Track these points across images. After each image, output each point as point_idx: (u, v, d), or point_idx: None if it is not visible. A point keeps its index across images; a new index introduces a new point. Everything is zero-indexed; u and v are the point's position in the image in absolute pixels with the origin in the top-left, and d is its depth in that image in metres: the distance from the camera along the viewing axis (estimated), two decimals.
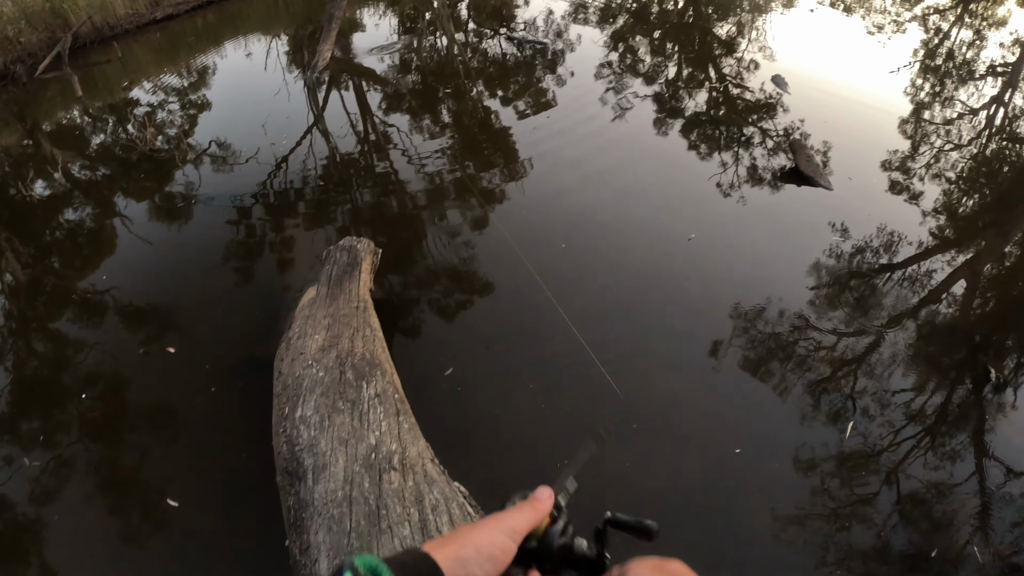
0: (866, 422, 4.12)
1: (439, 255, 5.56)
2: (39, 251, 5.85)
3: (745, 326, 4.80)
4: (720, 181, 6.55)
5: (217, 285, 5.27)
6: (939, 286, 5.26)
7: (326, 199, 6.43)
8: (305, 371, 3.48)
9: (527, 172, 6.74)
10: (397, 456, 2.92)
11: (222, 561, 3.37)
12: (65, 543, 3.60)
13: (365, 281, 4.39)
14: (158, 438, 4.06)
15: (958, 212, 6.35)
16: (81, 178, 6.87)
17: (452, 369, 4.36)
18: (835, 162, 6.75)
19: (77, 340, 4.80)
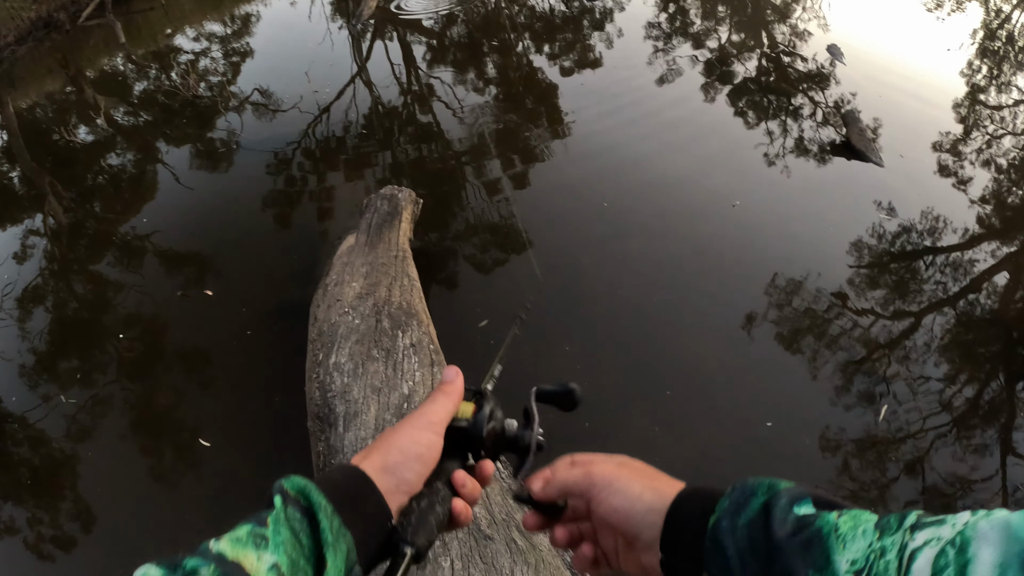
0: (895, 406, 3.98)
1: (479, 209, 5.45)
2: (81, 195, 5.87)
3: (782, 298, 4.65)
4: (767, 150, 6.31)
5: (256, 231, 5.23)
6: (980, 276, 5.01)
7: (367, 149, 6.34)
8: (341, 318, 3.42)
9: (570, 129, 6.54)
10: None
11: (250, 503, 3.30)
12: (99, 478, 3.64)
13: (405, 231, 4.31)
14: (192, 379, 4.08)
15: (1007, 202, 6.06)
16: (123, 124, 6.87)
17: (487, 321, 4.28)
18: (886, 139, 6.44)
19: (117, 282, 4.82)
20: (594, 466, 0.77)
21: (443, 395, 0.81)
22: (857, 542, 0.55)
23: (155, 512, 3.44)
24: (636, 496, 0.72)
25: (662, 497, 0.71)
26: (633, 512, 0.72)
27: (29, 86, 7.85)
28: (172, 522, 3.36)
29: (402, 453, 0.73)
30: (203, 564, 0.56)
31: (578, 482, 0.77)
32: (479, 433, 0.81)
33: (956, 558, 0.48)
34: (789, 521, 0.59)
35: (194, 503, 3.42)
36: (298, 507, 0.63)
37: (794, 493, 0.62)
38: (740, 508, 0.62)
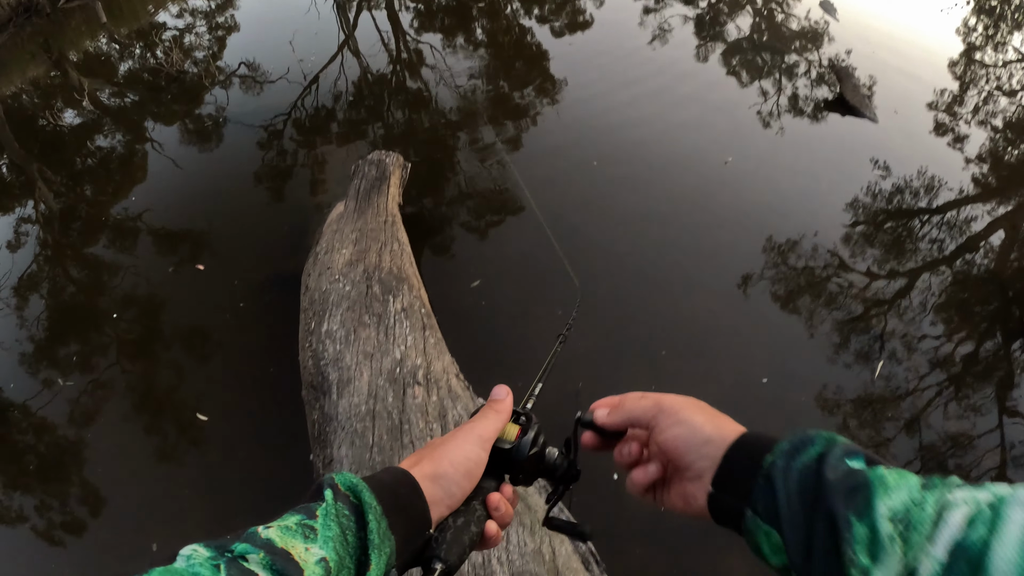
0: (892, 365, 3.97)
1: (470, 174, 5.40)
2: (71, 179, 5.82)
3: (777, 257, 4.61)
4: (761, 109, 6.23)
5: (246, 205, 5.19)
6: (977, 235, 4.97)
7: (357, 118, 6.28)
8: (332, 286, 3.37)
9: (560, 92, 6.48)
10: (422, 371, 2.81)
11: (248, 476, 3.35)
12: (103, 461, 3.64)
13: (394, 195, 4.25)
14: (188, 355, 4.06)
15: (1003, 161, 5.96)
16: (110, 105, 6.79)
17: (479, 282, 4.25)
18: (880, 96, 6.35)
19: (111, 264, 4.78)
20: (664, 398, 0.79)
21: (494, 412, 0.82)
22: (900, 493, 0.57)
23: (160, 490, 3.43)
24: (699, 426, 0.74)
25: (721, 432, 0.72)
26: (693, 441, 0.73)
27: (12, 73, 7.74)
28: (178, 499, 3.36)
29: (453, 466, 0.74)
30: (252, 550, 0.56)
31: (646, 411, 0.79)
32: (522, 458, 0.82)
33: (990, 516, 0.51)
34: (840, 469, 0.60)
35: (196, 478, 3.42)
36: (348, 504, 0.64)
37: (849, 448, 0.63)
38: (797, 452, 0.64)
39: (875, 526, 0.55)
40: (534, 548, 2.21)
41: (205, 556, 0.55)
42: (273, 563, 0.56)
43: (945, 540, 0.52)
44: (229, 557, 0.55)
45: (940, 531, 0.52)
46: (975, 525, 0.51)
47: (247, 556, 0.56)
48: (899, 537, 0.54)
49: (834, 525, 0.57)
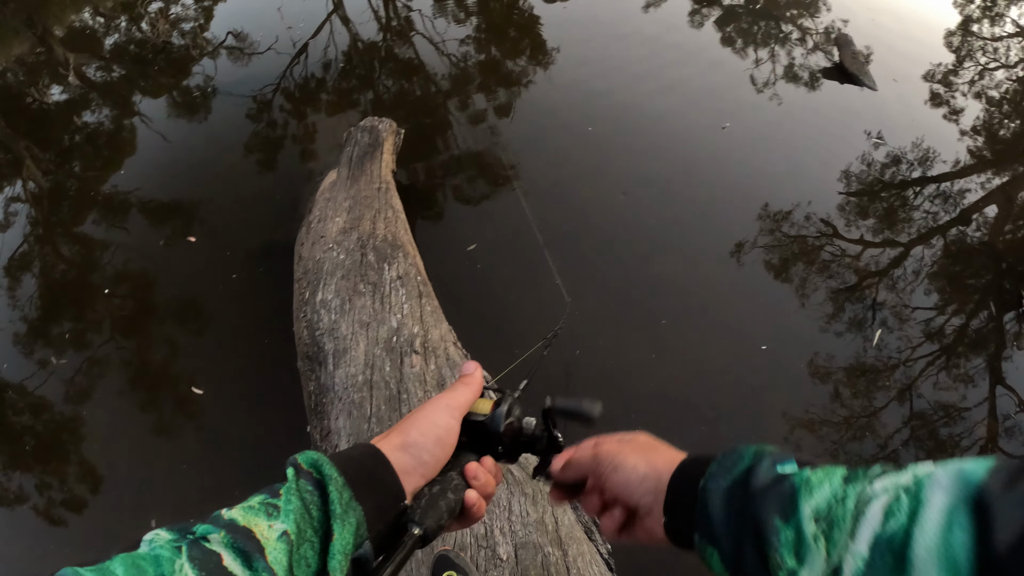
0: (886, 334, 4.00)
1: (463, 141, 5.33)
2: (60, 156, 5.72)
3: (773, 225, 4.60)
4: (757, 76, 6.16)
5: (237, 176, 5.11)
6: (971, 207, 4.97)
7: (347, 87, 6.17)
8: (326, 254, 3.30)
9: (554, 58, 6.39)
10: (419, 339, 2.75)
11: (245, 448, 3.32)
12: (101, 438, 3.61)
13: (387, 162, 4.16)
14: (181, 328, 4.01)
15: (998, 134, 5.91)
16: (96, 80, 6.66)
17: (475, 245, 4.21)
18: (878, 64, 6.29)
19: (103, 241, 4.70)
20: (600, 447, 0.81)
21: (463, 384, 0.83)
22: (823, 491, 0.57)
23: (158, 465, 3.41)
24: (631, 468, 0.77)
25: (655, 467, 0.75)
26: (630, 482, 0.76)
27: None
28: (175, 474, 3.34)
29: (421, 434, 0.74)
30: (214, 530, 0.57)
31: (588, 463, 0.82)
32: (496, 428, 0.82)
33: (909, 503, 0.50)
34: (768, 477, 0.62)
35: (193, 452, 3.40)
36: (310, 479, 0.64)
37: (778, 455, 0.65)
38: (726, 471, 0.67)
39: (800, 527, 0.56)
40: (536, 518, 2.17)
41: (167, 539, 0.55)
42: (234, 541, 0.56)
43: (866, 535, 0.52)
44: (191, 539, 0.56)
45: (860, 526, 0.52)
46: (894, 515, 0.51)
47: (208, 536, 0.56)
48: (823, 536, 0.55)
49: (760, 532, 0.58)
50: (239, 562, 0.55)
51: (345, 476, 0.64)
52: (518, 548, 2.07)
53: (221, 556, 0.55)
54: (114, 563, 0.52)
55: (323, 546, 0.61)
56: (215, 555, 0.55)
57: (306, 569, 0.60)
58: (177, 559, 0.54)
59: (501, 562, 2.04)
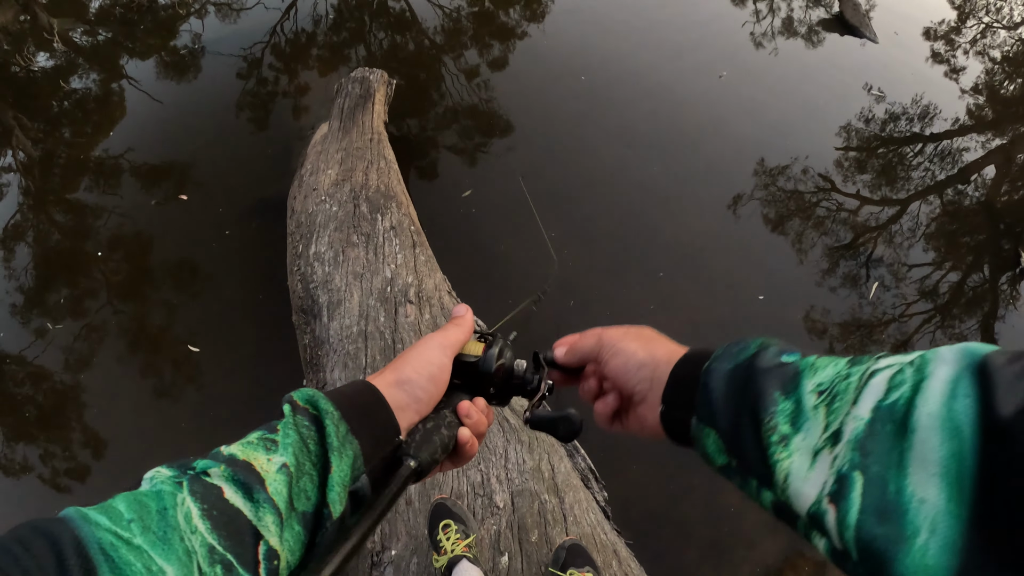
0: (881, 291, 4.01)
1: (456, 92, 5.26)
2: (49, 124, 5.61)
3: (770, 179, 4.58)
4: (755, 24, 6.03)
5: (228, 134, 5.01)
6: (970, 166, 4.95)
7: (338, 42, 6.04)
8: (318, 207, 3.23)
9: (547, 9, 6.28)
10: (413, 289, 2.69)
11: (244, 404, 3.29)
12: (102, 403, 3.58)
13: (379, 113, 4.07)
14: (176, 288, 3.97)
15: (999, 94, 5.79)
16: (82, 44, 6.53)
17: (471, 191, 4.16)
18: (879, 18, 6.16)
19: (96, 206, 4.63)
20: (606, 332, 0.83)
21: (454, 325, 0.83)
22: (827, 371, 0.56)
23: (159, 425, 3.40)
24: (632, 353, 0.78)
25: (654, 355, 0.76)
26: (629, 367, 0.78)
27: None
28: (175, 432, 3.33)
29: (415, 371, 0.74)
30: (214, 465, 0.57)
31: (592, 347, 0.83)
32: (488, 368, 0.82)
33: (912, 375, 0.49)
34: (773, 361, 0.61)
35: (193, 410, 3.38)
36: (307, 415, 0.64)
37: (784, 346, 0.64)
38: (732, 356, 0.65)
39: (800, 399, 0.56)
40: (533, 466, 2.12)
41: (167, 475, 0.56)
42: (234, 474, 0.57)
43: (868, 401, 0.50)
44: (191, 474, 0.56)
45: (863, 394, 0.51)
46: (897, 386, 0.49)
47: (209, 471, 0.57)
48: (823, 406, 0.54)
49: (759, 402, 0.58)
50: (240, 494, 0.56)
51: (341, 411, 0.64)
52: (515, 496, 2.03)
53: (222, 489, 0.56)
54: (116, 500, 0.53)
55: (322, 479, 0.61)
56: (216, 488, 0.55)
57: (306, 501, 0.60)
58: (179, 493, 0.54)
59: (498, 510, 2.00)
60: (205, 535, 0.53)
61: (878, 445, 0.48)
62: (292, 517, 0.58)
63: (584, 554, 1.94)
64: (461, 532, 1.90)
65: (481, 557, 1.92)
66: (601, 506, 2.26)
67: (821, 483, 0.51)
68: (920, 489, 0.45)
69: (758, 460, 0.57)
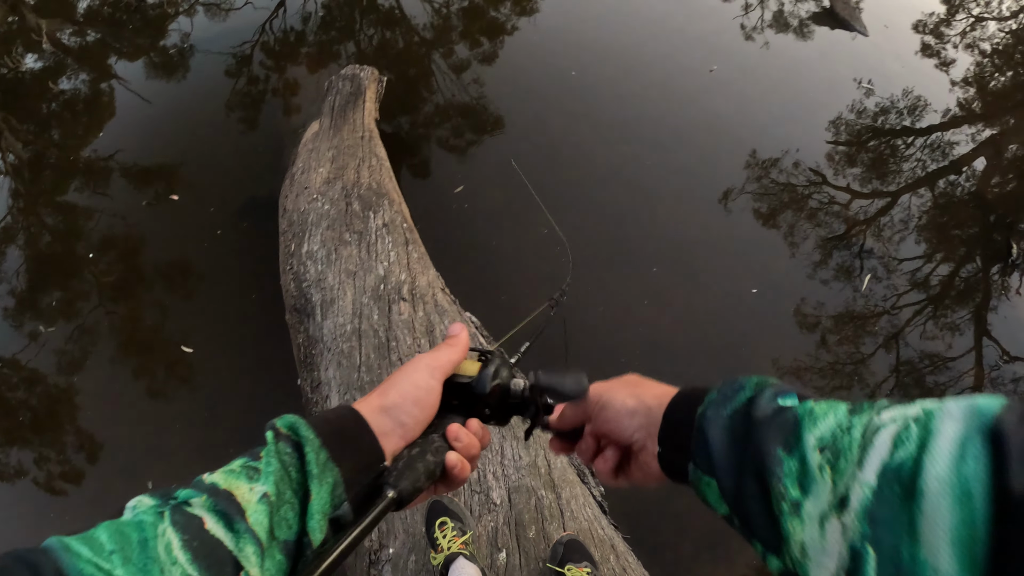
0: (874, 283, 4.04)
1: (447, 88, 5.26)
2: (38, 126, 5.58)
3: (761, 172, 4.60)
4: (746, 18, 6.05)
5: (219, 133, 5.00)
6: (960, 159, 4.99)
7: (328, 39, 6.02)
8: (310, 205, 3.22)
9: (537, 4, 6.26)
10: (406, 286, 2.68)
11: (238, 404, 3.29)
12: (96, 406, 3.56)
13: (370, 110, 4.06)
14: (168, 289, 3.95)
15: (989, 87, 5.83)
16: (71, 45, 6.49)
17: (462, 187, 4.17)
18: (870, 10, 6.18)
19: (86, 208, 4.61)
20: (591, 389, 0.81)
21: (447, 345, 0.81)
22: (827, 421, 0.55)
23: (153, 427, 3.39)
24: (620, 404, 0.77)
25: (643, 400, 0.75)
26: (619, 418, 0.76)
27: None
28: (170, 434, 3.32)
29: (400, 395, 0.73)
30: (196, 494, 0.58)
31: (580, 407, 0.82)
32: (483, 389, 0.80)
33: (918, 432, 0.48)
34: (770, 408, 0.60)
35: (187, 411, 3.37)
36: (288, 442, 0.63)
37: (780, 388, 0.63)
38: (727, 399, 0.64)
39: (804, 458, 0.54)
40: (529, 462, 2.13)
41: (149, 505, 0.56)
42: (216, 504, 0.57)
43: (874, 463, 0.49)
44: (173, 504, 0.57)
45: (868, 455, 0.50)
46: (903, 444, 0.48)
47: (190, 501, 0.57)
48: (828, 465, 0.52)
49: (763, 463, 0.56)
50: (221, 524, 0.56)
51: (322, 437, 0.64)
52: (511, 492, 2.03)
53: (203, 520, 0.56)
54: (98, 530, 0.53)
55: (302, 507, 0.62)
56: (197, 519, 0.56)
57: (287, 530, 0.60)
58: (160, 524, 0.54)
59: (495, 506, 2.00)
60: (185, 566, 0.53)
61: (887, 511, 0.47)
62: (273, 546, 0.58)
63: (582, 549, 1.95)
64: (458, 529, 1.91)
65: (479, 554, 1.92)
66: (598, 501, 2.27)
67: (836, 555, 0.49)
68: (932, 557, 0.43)
69: (765, 526, 0.56)
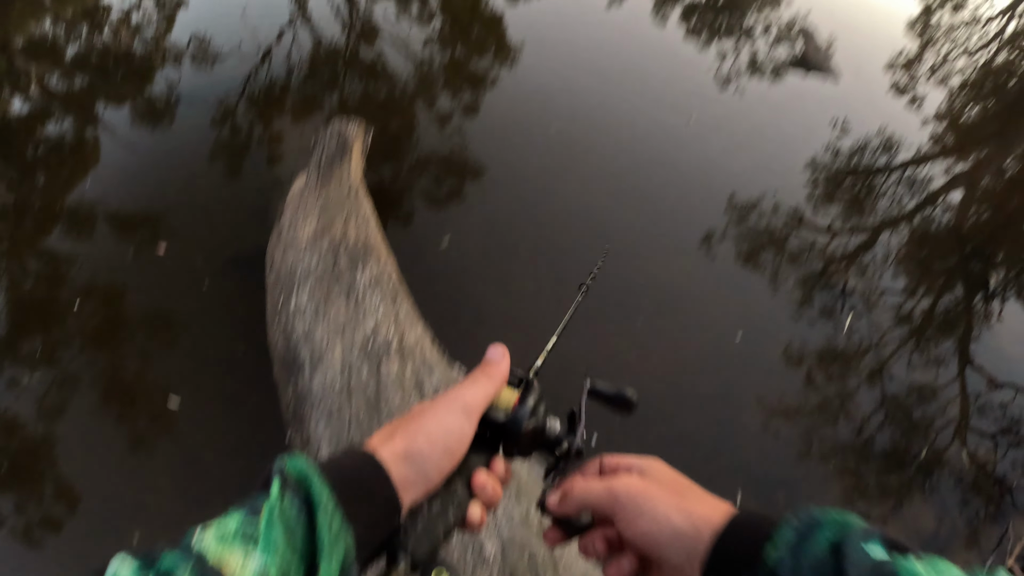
0: (856, 320, 4.13)
1: (430, 140, 5.38)
2: (23, 170, 5.61)
3: (742, 216, 4.74)
4: (721, 68, 6.30)
5: (205, 183, 5.06)
6: (936, 192, 5.23)
7: (313, 91, 6.16)
8: (298, 260, 3.28)
9: (518, 56, 6.48)
10: (395, 342, 2.75)
11: (225, 458, 3.29)
12: (76, 454, 3.54)
13: (356, 165, 4.15)
14: (154, 339, 3.96)
15: (960, 120, 6.12)
16: (58, 90, 6.55)
17: (448, 238, 4.28)
18: (841, 55, 6.50)
19: (69, 254, 4.63)
20: (617, 481, 0.70)
21: (485, 377, 0.73)
22: None
23: (138, 480, 3.36)
24: (663, 519, 0.65)
25: (693, 522, 0.64)
26: (660, 536, 0.65)
27: None
28: (155, 487, 3.30)
29: (429, 442, 0.65)
30: (181, 562, 0.50)
31: (600, 500, 0.70)
32: (517, 430, 0.73)
33: None
34: (864, 564, 0.51)
35: (173, 464, 3.36)
36: (297, 495, 0.56)
37: (866, 531, 0.54)
38: (803, 542, 0.55)
39: None
40: (521, 513, 2.18)
41: (131, 569, 0.50)
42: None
43: None
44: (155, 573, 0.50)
45: None
46: None
47: (174, 573, 0.50)
48: None
49: None
50: None
51: (337, 495, 0.57)
52: (505, 545, 2.07)
53: None
54: None
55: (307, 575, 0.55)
56: None
57: None
58: None
59: (488, 560, 2.04)
60: None
61: None
62: None
63: None
64: None
65: None
66: None
67: None
68: None
69: None
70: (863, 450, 3.51)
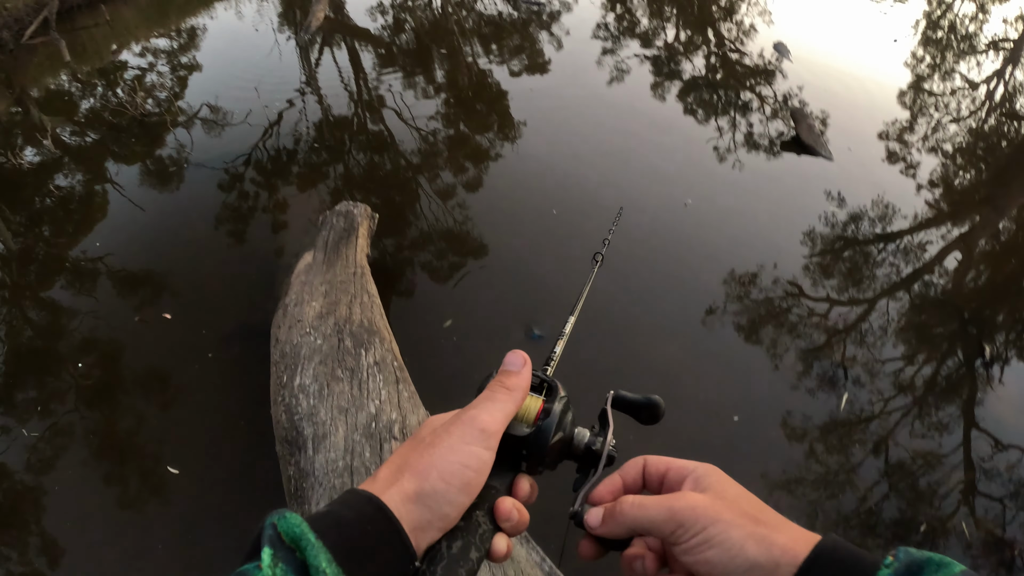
0: (857, 390, 4.17)
1: (433, 216, 5.54)
2: (30, 219, 5.75)
3: (740, 290, 4.84)
4: (717, 147, 6.57)
5: (210, 249, 5.21)
6: (932, 259, 5.34)
7: (319, 161, 6.37)
8: (303, 338, 3.43)
9: (520, 134, 6.73)
10: (397, 425, 2.88)
11: (223, 530, 3.33)
12: (64, 511, 3.57)
13: (362, 247, 4.33)
14: (155, 405, 4.03)
15: (954, 186, 6.43)
16: (71, 144, 6.75)
17: (451, 321, 4.38)
18: (834, 131, 6.82)
19: (71, 308, 4.74)
20: (679, 501, 0.61)
21: (504, 391, 0.64)
22: None
23: (135, 548, 3.38)
24: (737, 549, 0.57)
25: (770, 553, 0.56)
26: (731, 568, 0.57)
27: None
28: (151, 556, 3.32)
29: (443, 478, 0.57)
30: None
31: (657, 523, 0.61)
32: (544, 444, 0.65)
33: None
34: None
35: (165, 533, 3.39)
36: (290, 564, 0.50)
37: None
38: None
39: None
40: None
41: None
42: None
43: None
44: None
45: None
46: None
47: None
48: None
49: None
50: None
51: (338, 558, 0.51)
52: None
53: None
54: None
55: None
56: None
57: None
58: None
59: None
60: None
61: None
62: None
63: None
64: None
65: None
66: None
67: None
68: None
69: None
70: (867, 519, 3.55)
